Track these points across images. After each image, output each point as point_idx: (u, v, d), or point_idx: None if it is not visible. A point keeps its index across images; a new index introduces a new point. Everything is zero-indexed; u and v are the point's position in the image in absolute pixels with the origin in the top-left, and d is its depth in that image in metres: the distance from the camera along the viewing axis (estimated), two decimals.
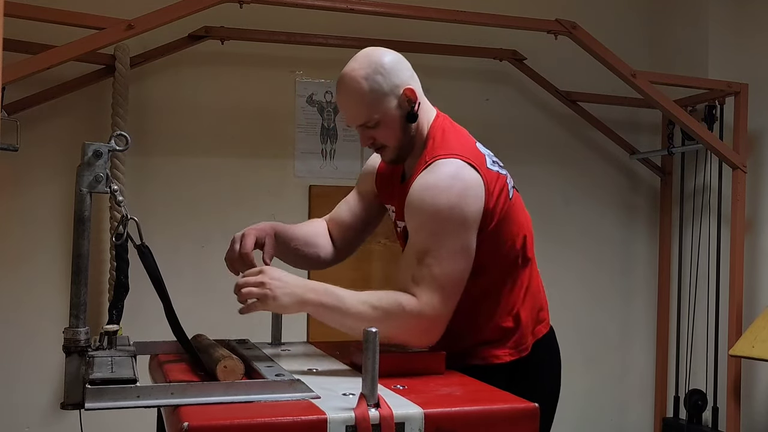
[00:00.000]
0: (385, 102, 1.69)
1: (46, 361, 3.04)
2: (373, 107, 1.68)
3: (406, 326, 1.59)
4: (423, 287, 1.59)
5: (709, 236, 3.72)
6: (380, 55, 1.71)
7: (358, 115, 1.71)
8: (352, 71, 1.69)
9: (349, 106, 1.72)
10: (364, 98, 1.68)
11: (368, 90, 1.67)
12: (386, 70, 1.69)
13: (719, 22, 3.78)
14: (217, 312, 3.27)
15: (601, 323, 3.98)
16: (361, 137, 1.77)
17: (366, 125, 1.72)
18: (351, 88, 1.69)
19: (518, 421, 1.35)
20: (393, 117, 1.70)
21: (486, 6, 3.20)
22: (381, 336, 1.40)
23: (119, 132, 1.45)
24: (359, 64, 1.70)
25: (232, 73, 3.41)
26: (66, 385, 1.37)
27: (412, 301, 1.58)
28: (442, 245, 1.60)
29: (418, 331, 1.60)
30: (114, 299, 2.90)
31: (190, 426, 1.16)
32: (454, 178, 1.62)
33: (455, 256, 1.61)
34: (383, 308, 1.58)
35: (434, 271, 1.59)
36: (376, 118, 1.69)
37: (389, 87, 1.69)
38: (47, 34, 2.83)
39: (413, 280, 1.60)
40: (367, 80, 1.67)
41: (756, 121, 3.58)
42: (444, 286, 1.59)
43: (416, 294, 1.59)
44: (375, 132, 1.72)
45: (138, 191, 3.19)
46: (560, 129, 3.91)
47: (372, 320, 1.54)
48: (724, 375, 3.53)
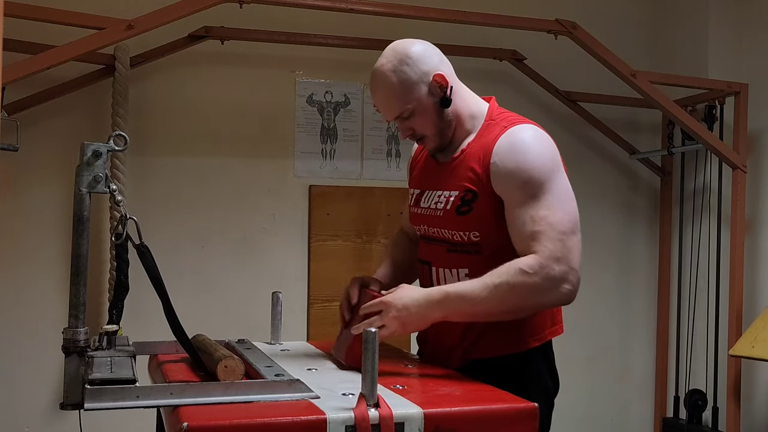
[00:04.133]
0: (416, 91, 1.70)
1: (46, 361, 3.04)
2: (404, 98, 1.69)
3: (536, 288, 1.55)
4: (542, 240, 1.57)
5: (709, 236, 3.72)
6: (406, 46, 1.73)
7: (392, 108, 1.72)
8: (381, 66, 1.71)
9: (381, 100, 1.73)
10: (394, 90, 1.69)
11: (397, 82, 1.68)
12: (412, 59, 1.70)
13: (719, 22, 3.78)
14: (217, 312, 3.30)
15: (601, 323, 3.98)
16: (400, 130, 1.78)
17: (402, 116, 1.72)
18: (381, 82, 1.71)
19: (518, 420, 1.35)
20: (427, 105, 1.71)
21: (486, 6, 3.21)
22: (519, 309, 1.48)
23: (118, 132, 1.45)
24: (386, 59, 1.71)
25: (232, 73, 3.41)
26: (65, 385, 1.37)
27: (531, 260, 1.56)
28: (550, 193, 1.61)
29: (551, 287, 1.56)
30: (114, 299, 2.90)
31: (190, 426, 1.16)
32: (537, 137, 1.66)
33: (565, 200, 1.63)
34: (504, 282, 1.55)
35: (551, 221, 1.58)
36: (409, 108, 1.70)
37: (418, 75, 1.70)
38: (47, 34, 2.83)
39: (531, 237, 1.58)
40: (395, 72, 1.68)
41: (756, 121, 3.58)
42: (564, 232, 1.58)
43: (537, 250, 1.57)
44: (411, 122, 1.73)
45: (138, 191, 3.19)
46: (560, 129, 3.90)
47: (500, 299, 1.55)
48: (724, 375, 3.53)
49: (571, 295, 1.60)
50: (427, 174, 1.85)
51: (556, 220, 1.59)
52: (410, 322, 1.60)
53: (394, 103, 1.71)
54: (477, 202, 1.67)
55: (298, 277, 3.47)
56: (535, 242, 1.57)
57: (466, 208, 1.68)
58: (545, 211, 1.59)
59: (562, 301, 1.61)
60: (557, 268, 1.56)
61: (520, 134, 1.67)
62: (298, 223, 3.49)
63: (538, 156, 1.64)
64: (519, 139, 1.66)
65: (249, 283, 3.38)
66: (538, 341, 1.75)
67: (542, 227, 1.58)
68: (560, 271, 1.56)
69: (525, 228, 1.60)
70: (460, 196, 1.69)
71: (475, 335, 1.71)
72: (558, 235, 1.57)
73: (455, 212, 1.70)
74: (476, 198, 1.67)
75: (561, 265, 1.56)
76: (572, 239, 1.60)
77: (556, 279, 1.56)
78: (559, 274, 1.56)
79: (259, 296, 3.03)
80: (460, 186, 1.70)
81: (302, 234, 3.48)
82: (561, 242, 1.57)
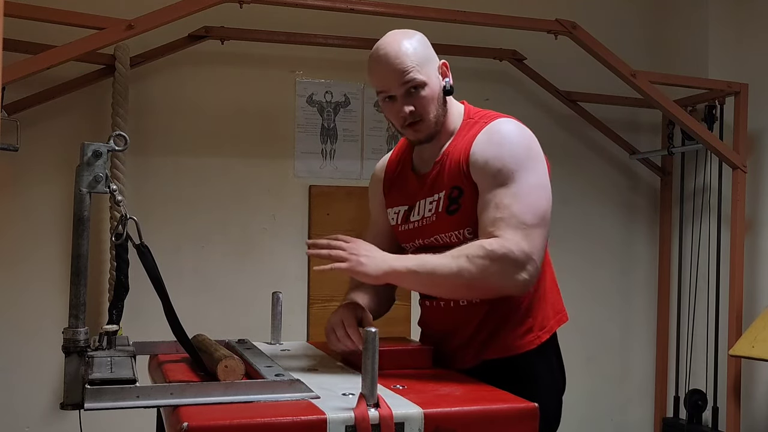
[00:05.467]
0: (430, 66, 1.71)
1: (46, 361, 3.04)
2: (422, 67, 1.68)
3: (493, 268, 1.55)
4: (503, 227, 1.57)
5: (709, 236, 3.72)
6: (413, 32, 1.74)
7: (405, 72, 1.66)
8: (394, 39, 1.69)
9: (394, 66, 1.66)
10: (416, 55, 1.67)
11: (419, 49, 1.69)
12: (423, 42, 1.73)
13: (719, 22, 3.78)
14: (217, 312, 3.30)
15: (602, 323, 3.98)
16: (399, 108, 1.70)
17: (411, 86, 1.67)
18: (397, 49, 1.67)
19: (518, 420, 1.35)
20: (435, 84, 1.71)
21: (486, 6, 3.21)
22: (472, 286, 1.48)
23: (118, 132, 1.45)
24: (397, 35, 1.71)
25: (232, 73, 3.41)
26: (65, 385, 1.37)
27: (494, 240, 1.56)
28: (519, 184, 1.60)
29: (506, 271, 1.55)
30: (114, 299, 2.90)
31: (190, 426, 1.16)
32: (514, 130, 1.68)
33: (534, 193, 1.62)
34: (464, 254, 1.56)
35: (514, 210, 1.58)
36: (421, 80, 1.67)
37: (432, 55, 1.73)
38: (47, 34, 2.83)
39: (493, 224, 1.58)
40: (411, 45, 1.68)
41: (756, 121, 3.58)
42: (525, 222, 1.57)
43: (498, 234, 1.57)
44: (417, 99, 1.69)
45: (138, 191, 3.19)
46: (560, 129, 3.91)
47: (457, 270, 1.55)
48: (724, 375, 3.53)
49: (526, 285, 1.59)
50: (410, 188, 1.82)
51: (520, 210, 1.58)
52: (368, 263, 1.58)
53: (408, 69, 1.66)
54: (464, 198, 1.67)
55: (298, 277, 3.47)
56: (496, 228, 1.57)
57: (455, 206, 1.69)
58: (510, 199, 1.59)
59: (517, 287, 1.59)
60: (517, 253, 1.55)
61: (497, 127, 1.69)
62: (298, 223, 3.49)
63: (513, 147, 1.65)
64: (497, 131, 1.67)
65: (249, 283, 3.38)
66: (548, 333, 1.76)
67: (504, 214, 1.57)
68: (519, 258, 1.55)
69: (488, 214, 1.60)
70: (447, 195, 1.70)
71: (487, 334, 1.71)
72: (519, 224, 1.57)
73: (446, 212, 1.70)
74: (462, 194, 1.68)
75: (520, 253, 1.55)
76: (535, 231, 1.58)
77: (514, 264, 1.55)
78: (518, 260, 1.55)
79: (259, 296, 3.03)
80: (446, 185, 1.71)
81: (302, 234, 3.48)
82: (522, 231, 1.56)
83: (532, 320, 1.73)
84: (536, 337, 1.73)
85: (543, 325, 1.75)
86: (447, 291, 1.64)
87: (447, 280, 1.57)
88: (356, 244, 1.62)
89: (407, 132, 1.75)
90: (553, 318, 1.78)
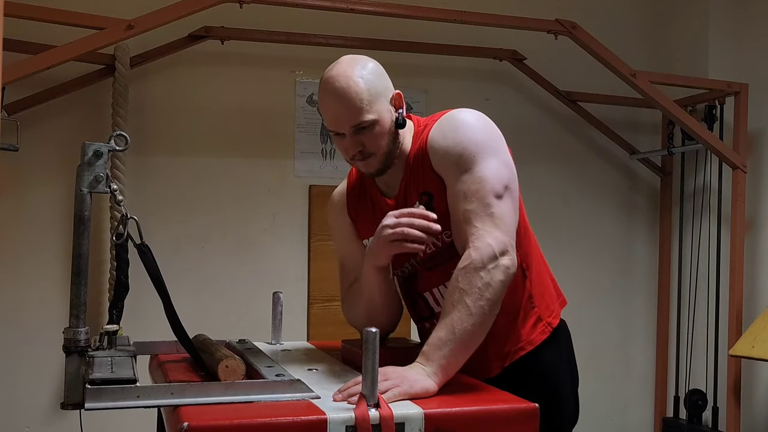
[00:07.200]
0: (380, 102, 1.61)
1: (46, 361, 3.04)
2: (370, 106, 1.59)
3: (488, 276, 1.50)
4: (473, 221, 1.54)
5: (709, 236, 3.72)
6: (366, 60, 1.66)
7: (354, 114, 1.59)
8: (344, 72, 1.60)
9: (342, 106, 1.59)
10: (361, 96, 1.58)
11: (365, 88, 1.59)
12: (377, 72, 1.64)
13: (719, 22, 3.78)
14: (217, 312, 3.30)
15: (601, 323, 3.98)
16: (347, 146, 1.64)
17: (360, 126, 1.60)
18: (346, 87, 1.58)
19: (518, 421, 1.35)
20: (385, 120, 1.62)
21: (486, 6, 3.20)
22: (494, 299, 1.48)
23: (119, 132, 1.45)
24: (348, 66, 1.62)
25: (232, 73, 3.41)
26: (66, 385, 1.37)
27: (471, 253, 1.51)
28: (483, 163, 1.57)
29: (499, 266, 1.51)
30: (114, 299, 2.90)
31: (190, 426, 1.16)
32: (469, 116, 1.64)
33: (500, 170, 1.59)
34: (462, 289, 1.49)
35: (481, 194, 1.55)
36: (371, 119, 1.59)
37: (382, 88, 1.63)
38: (47, 34, 2.84)
39: (465, 220, 1.55)
40: (363, 79, 1.59)
41: (756, 121, 3.58)
42: (490, 204, 1.55)
43: (470, 233, 1.53)
44: (366, 137, 1.62)
45: (138, 191, 3.19)
46: (560, 129, 3.91)
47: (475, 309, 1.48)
48: (724, 375, 3.53)
49: (513, 261, 1.54)
50: (383, 213, 1.66)
51: (486, 194, 1.55)
52: (416, 383, 1.40)
53: (358, 110, 1.58)
54: (435, 202, 1.64)
55: (298, 277, 3.47)
56: (467, 224, 1.55)
57: None
58: (477, 185, 1.56)
59: (509, 270, 1.53)
60: (494, 245, 1.52)
61: (449, 116, 1.66)
62: (298, 223, 3.49)
63: (468, 130, 1.61)
64: (449, 120, 1.65)
65: (249, 283, 3.38)
66: (556, 318, 1.76)
67: (473, 206, 1.55)
68: (497, 249, 1.52)
69: (459, 206, 1.58)
70: (417, 204, 1.62)
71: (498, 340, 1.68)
72: (485, 210, 1.54)
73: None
74: (432, 199, 1.64)
75: (496, 243, 1.52)
76: (500, 206, 1.56)
77: (497, 257, 1.51)
78: (495, 251, 1.52)
79: (259, 296, 3.03)
80: (415, 196, 1.67)
81: (302, 234, 3.48)
82: (490, 218, 1.54)
83: (539, 308, 1.73)
84: (548, 325, 1.73)
85: (549, 310, 1.75)
86: (484, 328, 1.53)
87: (475, 325, 1.49)
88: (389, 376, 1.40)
89: (358, 165, 1.71)
90: (557, 300, 1.80)
